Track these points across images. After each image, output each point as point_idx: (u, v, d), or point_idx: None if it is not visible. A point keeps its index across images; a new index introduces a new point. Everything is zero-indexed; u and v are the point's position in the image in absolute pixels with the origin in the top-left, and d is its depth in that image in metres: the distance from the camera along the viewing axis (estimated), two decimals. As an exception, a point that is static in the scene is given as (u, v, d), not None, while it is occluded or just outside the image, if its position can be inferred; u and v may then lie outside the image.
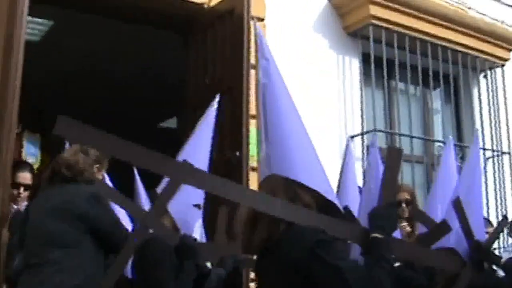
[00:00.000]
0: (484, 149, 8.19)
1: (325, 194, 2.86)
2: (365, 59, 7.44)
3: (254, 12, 6.34)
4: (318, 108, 7.01)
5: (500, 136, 8.35)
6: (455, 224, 3.54)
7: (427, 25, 7.77)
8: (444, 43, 7.95)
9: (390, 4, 7.43)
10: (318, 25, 7.33)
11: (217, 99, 4.61)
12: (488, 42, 8.40)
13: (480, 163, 3.90)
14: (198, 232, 4.27)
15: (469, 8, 8.74)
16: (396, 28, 7.49)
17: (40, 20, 8.17)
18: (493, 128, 8.39)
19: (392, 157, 3.10)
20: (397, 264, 3.37)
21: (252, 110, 6.07)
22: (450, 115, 8.33)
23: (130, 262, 3.91)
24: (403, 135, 7.56)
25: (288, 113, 3.00)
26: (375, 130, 7.15)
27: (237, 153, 5.88)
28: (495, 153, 8.28)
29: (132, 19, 7.14)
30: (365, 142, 7.18)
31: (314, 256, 2.54)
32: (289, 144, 2.90)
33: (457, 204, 3.49)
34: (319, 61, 7.26)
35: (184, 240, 3.92)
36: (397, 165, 3.15)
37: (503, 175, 8.22)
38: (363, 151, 7.16)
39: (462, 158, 7.94)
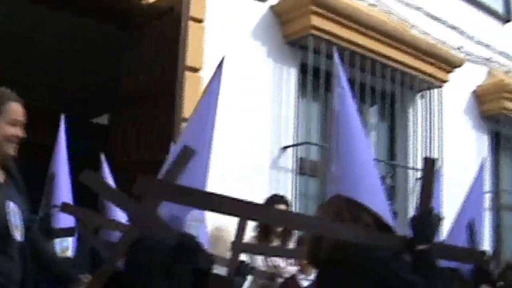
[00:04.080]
0: (415, 169, 8.48)
1: (383, 216, 3.16)
2: (303, 70, 7.61)
3: (193, 12, 6.47)
4: (252, 115, 7.20)
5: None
6: (459, 243, 3.85)
7: (368, 40, 7.98)
8: (383, 60, 8.18)
9: (333, 16, 7.60)
10: (258, 31, 7.48)
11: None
12: (428, 62, 8.68)
13: (483, 189, 4.27)
14: (195, 228, 3.87)
15: (412, 27, 9.03)
16: (336, 40, 7.65)
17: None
18: (426, 148, 8.67)
19: (427, 166, 3.28)
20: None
21: (185, 113, 6.21)
22: (384, 132, 8.56)
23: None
24: (336, 149, 7.70)
25: (358, 140, 3.28)
26: (308, 143, 7.35)
27: (167, 156, 5.97)
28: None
29: (71, 11, 7.20)
30: (298, 154, 7.37)
31: (390, 272, 2.91)
32: (357, 168, 3.21)
33: (471, 227, 3.73)
34: (256, 68, 7.42)
35: (182, 239, 3.47)
36: (432, 173, 3.32)
37: (434, 196, 8.49)
38: (295, 162, 7.35)
39: (393, 177, 8.22)
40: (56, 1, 6.88)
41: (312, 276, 5.43)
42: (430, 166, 3.28)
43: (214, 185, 3.64)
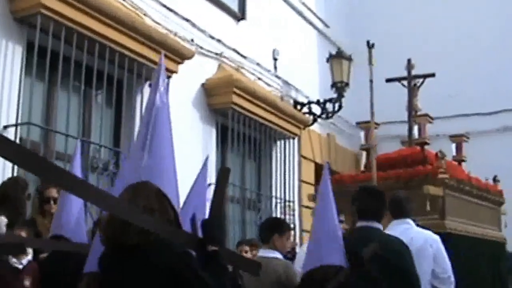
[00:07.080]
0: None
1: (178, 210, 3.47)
2: (29, 48, 7.58)
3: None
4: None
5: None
6: None
7: (98, 24, 8.10)
8: (113, 45, 8.36)
9: (63, -3, 7.63)
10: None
11: None
12: (158, 51, 8.88)
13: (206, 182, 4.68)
14: None
15: (145, 15, 9.31)
16: (66, 21, 7.74)
17: None
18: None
19: (223, 173, 3.72)
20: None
21: None
22: (110, 118, 8.73)
23: None
24: (58, 132, 7.87)
25: (169, 137, 3.64)
26: (29, 123, 7.37)
27: None
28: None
29: None
30: (19, 135, 7.37)
31: (186, 266, 3.18)
32: (165, 163, 3.54)
33: (194, 220, 4.04)
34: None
35: None
36: (226, 181, 3.80)
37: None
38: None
39: (117, 164, 8.45)
40: None
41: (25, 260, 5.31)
42: (225, 175, 3.75)
43: None
